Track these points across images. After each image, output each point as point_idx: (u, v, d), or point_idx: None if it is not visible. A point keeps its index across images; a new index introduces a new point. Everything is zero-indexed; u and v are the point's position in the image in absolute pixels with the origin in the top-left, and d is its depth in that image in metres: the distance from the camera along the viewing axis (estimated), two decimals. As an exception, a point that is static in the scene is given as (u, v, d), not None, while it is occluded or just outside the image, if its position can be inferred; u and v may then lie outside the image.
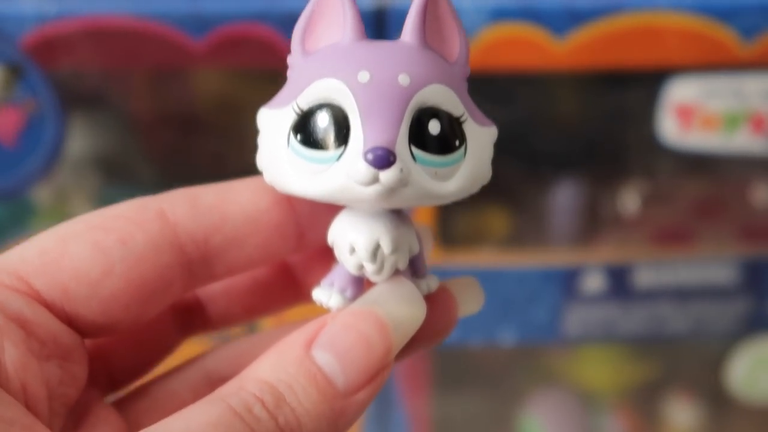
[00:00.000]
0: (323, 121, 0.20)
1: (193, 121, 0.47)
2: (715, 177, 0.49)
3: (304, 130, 0.20)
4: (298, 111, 0.20)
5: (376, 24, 0.37)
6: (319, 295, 0.21)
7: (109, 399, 0.24)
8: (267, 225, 0.22)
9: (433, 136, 0.20)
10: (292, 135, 0.20)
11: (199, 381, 0.24)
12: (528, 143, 0.48)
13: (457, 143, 0.20)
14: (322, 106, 0.20)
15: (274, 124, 0.21)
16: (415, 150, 0.19)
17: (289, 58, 0.21)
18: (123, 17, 0.37)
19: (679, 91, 0.41)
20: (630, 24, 0.38)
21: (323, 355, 0.20)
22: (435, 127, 0.20)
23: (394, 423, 0.49)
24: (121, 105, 0.47)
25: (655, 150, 0.43)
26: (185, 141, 0.47)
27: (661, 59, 0.40)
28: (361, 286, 0.22)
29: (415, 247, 0.22)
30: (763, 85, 0.40)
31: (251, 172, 0.23)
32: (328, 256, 0.23)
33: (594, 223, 0.48)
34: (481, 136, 0.21)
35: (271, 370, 0.20)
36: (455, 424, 0.54)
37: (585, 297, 0.45)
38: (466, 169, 0.20)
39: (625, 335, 0.46)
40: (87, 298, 0.20)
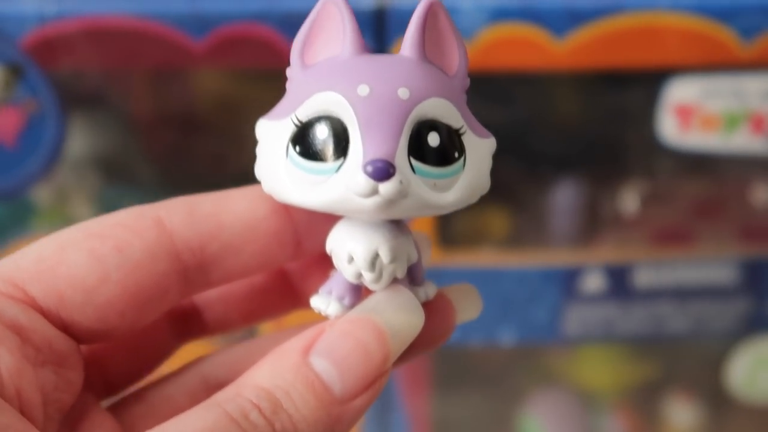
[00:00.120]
0: (322, 133, 0.20)
1: (193, 121, 0.47)
2: (715, 177, 0.49)
3: (303, 141, 0.20)
4: (297, 123, 0.20)
5: (376, 24, 0.37)
6: (317, 303, 0.22)
7: (105, 404, 0.24)
8: (264, 233, 0.23)
9: (433, 148, 0.20)
10: (290, 146, 0.20)
11: (195, 386, 0.24)
12: (528, 143, 0.48)
13: (456, 155, 0.20)
14: (321, 119, 0.20)
15: (272, 135, 0.21)
16: (414, 162, 0.20)
17: (288, 71, 0.22)
18: (123, 17, 0.37)
19: (679, 91, 0.41)
20: (630, 24, 0.38)
21: (321, 362, 0.20)
22: (434, 139, 0.20)
23: (394, 423, 0.49)
24: (121, 105, 0.47)
25: (655, 150, 0.43)
26: (185, 141, 0.47)
27: (661, 59, 0.40)
28: (359, 294, 0.22)
29: (414, 255, 0.22)
30: (763, 85, 0.40)
31: (251, 172, 0.23)
32: (326, 262, 0.23)
33: (594, 223, 0.48)
34: (480, 147, 0.21)
35: (269, 376, 0.20)
36: (455, 424, 0.54)
37: (585, 297, 0.45)
38: (465, 180, 0.20)
39: (625, 335, 0.46)
40: (83, 305, 0.20)
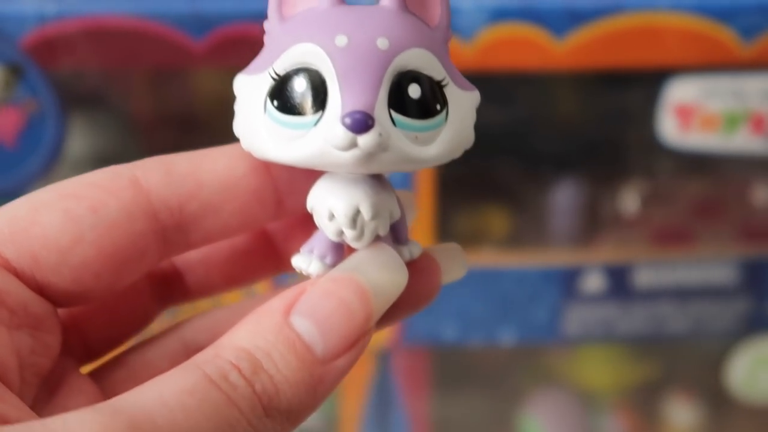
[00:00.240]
0: (300, 86, 0.19)
1: (193, 121, 0.47)
2: (715, 177, 0.49)
3: (280, 95, 0.19)
4: (274, 76, 0.20)
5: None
6: (298, 262, 0.21)
7: (85, 369, 0.23)
8: (244, 191, 0.22)
9: (414, 100, 0.19)
10: (268, 101, 0.20)
11: (176, 350, 0.24)
12: (528, 143, 0.48)
13: (438, 107, 0.20)
14: (299, 71, 0.19)
15: (250, 89, 0.20)
16: (394, 114, 0.19)
17: (266, 24, 0.21)
18: (123, 17, 0.37)
19: (679, 91, 0.41)
20: (630, 24, 0.38)
21: (302, 322, 0.19)
22: (415, 90, 0.19)
23: (394, 423, 0.49)
24: (121, 105, 0.47)
25: (655, 150, 0.43)
26: (185, 141, 0.47)
27: (661, 59, 0.40)
28: (341, 253, 0.21)
29: (396, 212, 0.21)
30: (763, 85, 0.40)
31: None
32: (309, 223, 0.22)
33: (594, 223, 0.48)
34: (463, 100, 0.21)
35: (249, 336, 0.19)
36: (455, 424, 0.54)
37: (585, 297, 0.45)
38: (448, 134, 0.20)
39: (625, 335, 0.46)
40: (57, 266, 0.20)
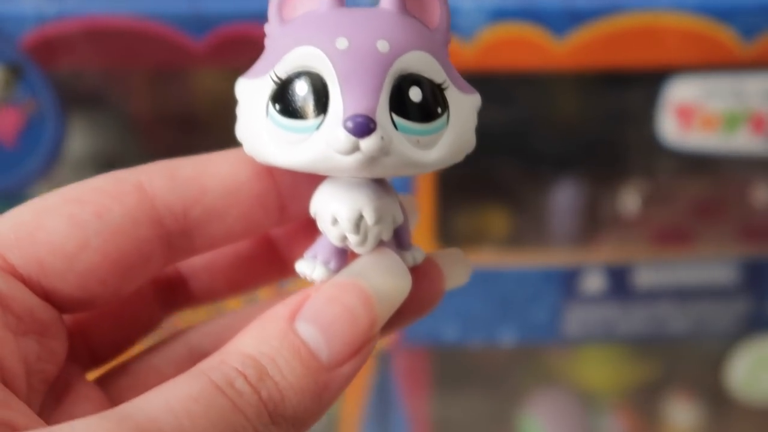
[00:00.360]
0: (302, 90, 0.19)
1: (193, 121, 0.47)
2: (715, 177, 0.49)
3: (282, 99, 0.19)
4: (276, 80, 0.20)
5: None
6: (302, 268, 0.21)
7: (91, 375, 0.23)
8: (247, 196, 0.22)
9: (415, 104, 0.19)
10: (270, 104, 0.20)
11: (182, 357, 0.24)
12: (528, 143, 0.48)
13: (440, 110, 0.20)
14: (300, 75, 0.19)
15: (252, 93, 0.20)
16: (396, 118, 0.19)
17: (266, 27, 0.21)
18: (123, 17, 0.37)
19: (679, 91, 0.41)
20: (630, 24, 0.38)
21: (307, 328, 0.19)
22: (416, 94, 0.19)
23: (394, 423, 0.49)
24: (121, 105, 0.47)
25: (655, 150, 0.43)
26: (185, 141, 0.47)
27: (661, 59, 0.40)
28: (344, 258, 0.21)
29: (399, 217, 0.21)
30: (763, 85, 0.40)
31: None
32: (312, 228, 0.22)
33: (594, 223, 0.48)
34: (464, 103, 0.21)
35: (254, 343, 0.19)
36: (455, 424, 0.54)
37: (585, 297, 0.45)
38: (449, 137, 0.20)
39: (625, 335, 0.46)
40: (63, 272, 0.20)
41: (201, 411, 0.18)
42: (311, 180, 0.21)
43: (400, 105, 0.19)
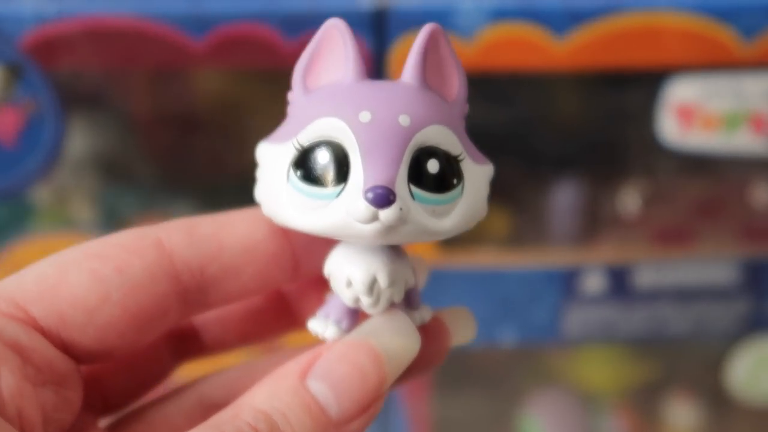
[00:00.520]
0: (323, 158, 0.20)
1: (193, 121, 0.47)
2: (715, 177, 0.49)
3: (304, 166, 0.20)
4: (298, 147, 0.20)
5: (376, 24, 0.37)
6: (315, 326, 0.22)
7: (103, 423, 0.24)
8: (263, 255, 0.23)
9: (432, 175, 0.20)
10: (292, 170, 0.20)
11: (192, 406, 0.24)
12: (528, 143, 0.48)
13: (455, 181, 0.21)
14: (322, 144, 0.20)
15: (273, 158, 0.21)
16: (413, 188, 0.20)
17: (290, 95, 0.22)
18: (123, 17, 0.37)
19: (679, 91, 0.41)
20: (630, 24, 0.38)
21: (318, 385, 0.20)
22: (434, 166, 0.20)
23: (394, 423, 0.49)
24: (121, 105, 0.47)
25: (655, 150, 0.43)
26: (185, 141, 0.47)
27: (661, 59, 0.39)
28: (356, 318, 0.22)
29: (411, 280, 0.22)
30: (763, 85, 0.40)
31: (251, 173, 0.23)
32: (322, 284, 0.23)
33: (594, 223, 0.48)
34: (478, 174, 0.21)
35: (266, 398, 0.20)
36: (455, 425, 0.54)
37: (585, 297, 0.45)
38: (463, 207, 0.21)
39: (626, 335, 0.46)
40: (83, 326, 0.21)
41: None
42: (325, 241, 0.22)
43: (418, 176, 0.20)
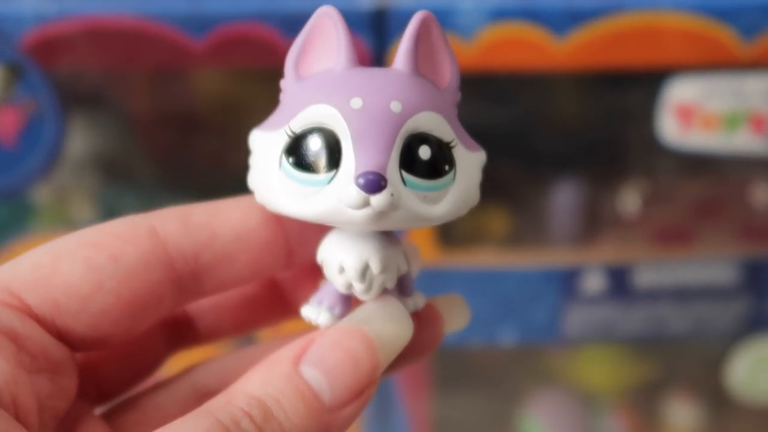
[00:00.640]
0: (315, 145, 0.20)
1: (193, 121, 0.47)
2: (715, 177, 0.49)
3: (296, 152, 0.20)
4: (290, 134, 0.20)
5: (376, 24, 0.37)
6: (308, 313, 0.22)
7: (98, 411, 0.24)
8: (257, 242, 0.23)
9: (423, 161, 0.20)
10: (284, 157, 0.20)
11: (186, 394, 0.24)
12: (528, 143, 0.48)
13: (447, 168, 0.21)
14: (314, 131, 0.20)
15: (266, 145, 0.21)
16: (405, 174, 0.20)
17: (282, 82, 0.22)
18: (123, 17, 0.37)
19: (679, 91, 0.41)
20: (630, 24, 0.38)
21: (311, 371, 0.20)
22: (425, 152, 0.20)
23: (394, 423, 0.49)
24: (121, 105, 0.47)
25: (655, 150, 0.43)
26: (185, 141, 0.47)
27: (661, 59, 0.40)
28: (349, 304, 0.22)
29: (403, 266, 0.22)
30: (763, 85, 0.40)
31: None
32: (316, 271, 0.23)
33: (594, 223, 0.48)
34: (470, 160, 0.21)
35: (259, 384, 0.20)
36: (455, 424, 0.54)
37: (585, 297, 0.45)
38: (455, 193, 0.21)
39: (625, 335, 0.46)
40: (77, 313, 0.21)
41: None
42: (318, 228, 0.22)
43: (409, 162, 0.20)
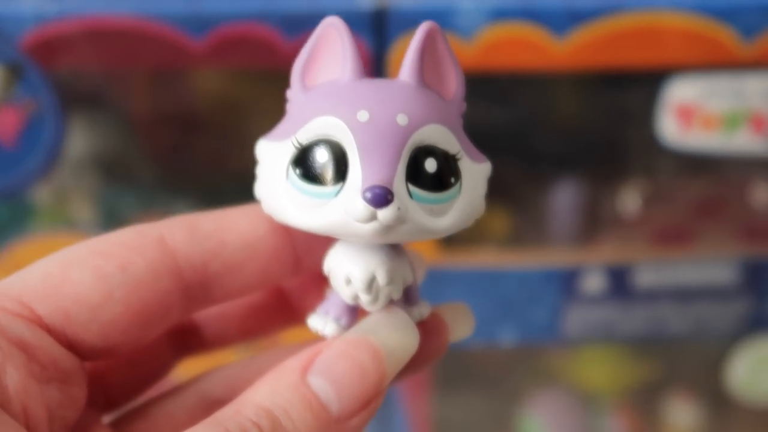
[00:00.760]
0: (322, 157, 0.20)
1: (193, 121, 0.47)
2: (715, 177, 0.49)
3: (303, 164, 0.20)
4: (297, 145, 0.20)
5: (376, 24, 0.37)
6: (314, 323, 0.22)
7: (106, 419, 0.24)
8: (264, 251, 0.23)
9: (430, 174, 0.20)
10: (291, 168, 0.20)
11: (194, 403, 0.25)
12: (528, 143, 0.48)
13: (453, 180, 0.21)
14: (321, 143, 0.20)
15: (273, 156, 0.21)
16: (411, 187, 0.20)
17: (289, 93, 0.22)
18: (123, 17, 0.37)
19: (679, 91, 0.41)
20: (630, 24, 0.38)
21: (318, 381, 0.20)
22: (431, 165, 0.20)
23: (394, 423, 0.49)
24: (121, 105, 0.47)
25: (655, 150, 0.43)
26: (185, 141, 0.47)
27: (661, 59, 0.39)
28: (355, 315, 0.22)
29: (409, 278, 0.22)
30: (763, 85, 0.40)
31: (251, 173, 0.23)
32: (322, 280, 0.23)
33: (594, 223, 0.48)
34: (475, 172, 0.21)
35: (268, 394, 0.20)
36: (455, 425, 0.54)
37: (585, 297, 0.45)
38: (461, 205, 0.21)
39: (625, 335, 0.46)
40: (87, 323, 0.21)
41: None
42: (325, 237, 0.22)
43: (416, 175, 0.20)
